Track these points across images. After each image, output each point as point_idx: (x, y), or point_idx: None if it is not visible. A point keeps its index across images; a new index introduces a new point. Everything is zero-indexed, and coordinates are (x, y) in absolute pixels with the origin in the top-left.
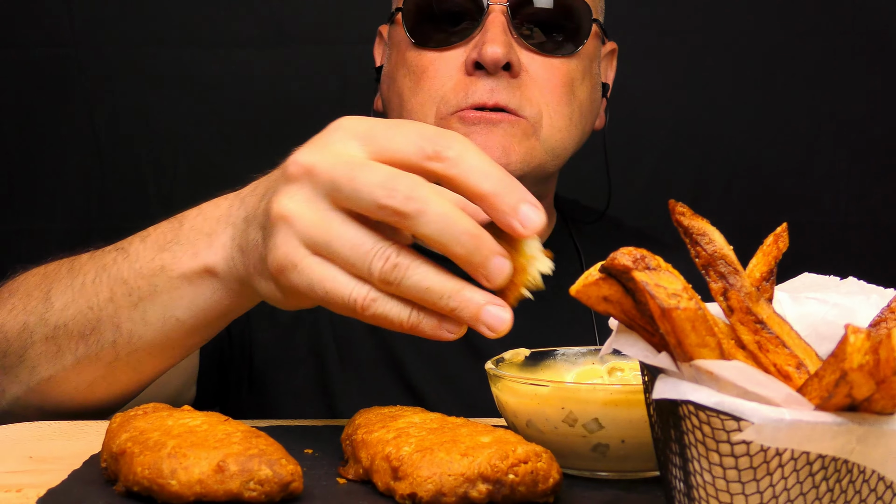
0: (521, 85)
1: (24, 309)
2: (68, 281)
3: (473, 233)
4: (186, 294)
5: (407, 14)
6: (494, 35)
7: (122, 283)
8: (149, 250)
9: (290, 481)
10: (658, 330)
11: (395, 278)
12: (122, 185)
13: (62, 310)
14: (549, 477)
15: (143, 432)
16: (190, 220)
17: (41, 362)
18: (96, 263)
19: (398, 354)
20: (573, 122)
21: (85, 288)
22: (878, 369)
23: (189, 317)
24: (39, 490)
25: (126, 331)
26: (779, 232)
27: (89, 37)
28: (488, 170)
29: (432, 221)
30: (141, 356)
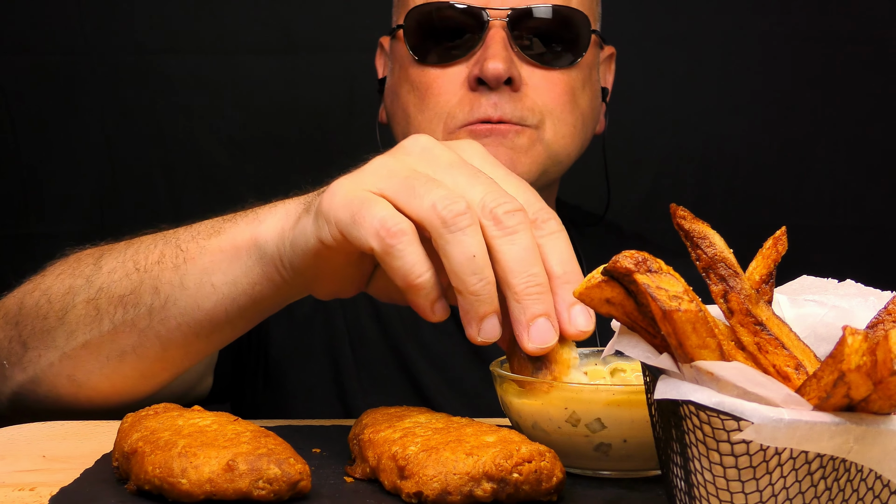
0: (523, 98)
1: (72, 273)
2: (123, 248)
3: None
4: (227, 261)
5: (408, 30)
6: (495, 51)
7: (175, 246)
8: (215, 221)
9: (299, 480)
10: (659, 331)
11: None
12: (132, 189)
13: (109, 272)
14: (552, 476)
15: (154, 432)
16: (255, 207)
17: (80, 326)
18: (157, 235)
19: (407, 356)
20: (577, 129)
21: (137, 253)
22: (876, 370)
23: (223, 284)
24: (52, 489)
25: (164, 294)
26: (778, 235)
27: (101, 44)
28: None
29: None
30: (172, 331)
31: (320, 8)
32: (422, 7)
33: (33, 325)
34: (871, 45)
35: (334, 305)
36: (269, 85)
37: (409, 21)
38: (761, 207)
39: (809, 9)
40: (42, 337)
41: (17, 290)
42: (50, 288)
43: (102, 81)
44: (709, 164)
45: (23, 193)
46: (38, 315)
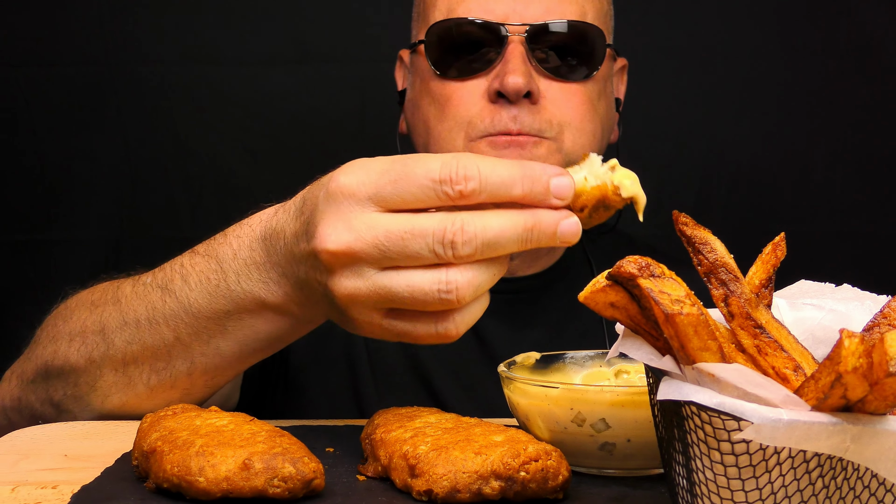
0: (541, 110)
1: (83, 343)
2: (119, 317)
3: (527, 218)
4: (250, 325)
5: (430, 46)
6: (515, 66)
7: (184, 324)
8: (196, 293)
9: (313, 478)
10: (662, 334)
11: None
12: (151, 196)
13: (126, 346)
14: (558, 474)
15: (173, 432)
16: (227, 262)
17: (113, 392)
18: (144, 302)
19: (422, 360)
20: (595, 138)
21: (140, 327)
22: (872, 372)
23: (262, 345)
24: (74, 486)
25: (199, 364)
26: (777, 241)
27: (122, 56)
28: (508, 180)
29: (495, 240)
30: (216, 378)
31: (333, 21)
32: (442, 23)
33: (64, 391)
34: (866, 58)
35: None
36: (283, 95)
37: (430, 36)
38: (761, 214)
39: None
40: (75, 401)
41: (36, 351)
42: (69, 358)
43: (122, 92)
44: (710, 172)
45: (45, 200)
46: (68, 383)
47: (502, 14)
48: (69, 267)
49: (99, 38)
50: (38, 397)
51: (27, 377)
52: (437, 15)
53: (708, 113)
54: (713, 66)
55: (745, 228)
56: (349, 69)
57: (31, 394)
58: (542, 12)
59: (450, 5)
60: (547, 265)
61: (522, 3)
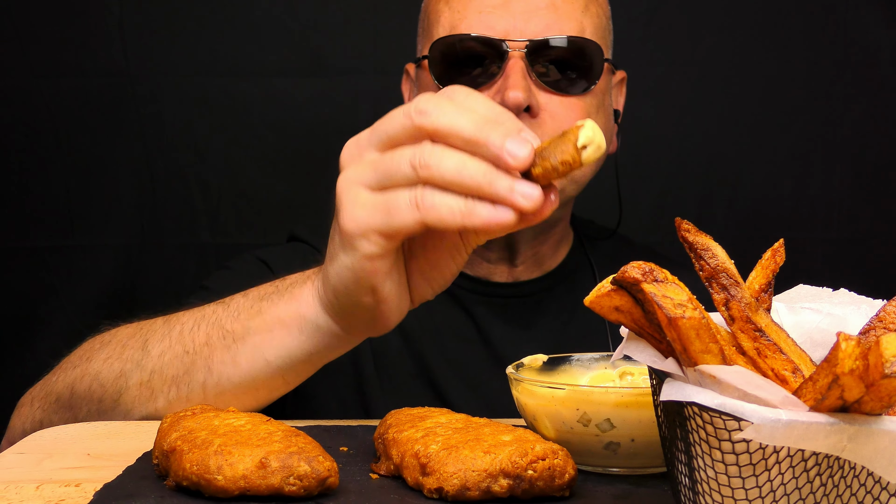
0: (542, 123)
1: (119, 357)
2: (165, 330)
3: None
4: (278, 336)
5: (433, 60)
6: (515, 80)
7: (220, 327)
8: (249, 300)
9: (327, 476)
10: (665, 337)
11: (433, 160)
12: (171, 204)
13: (159, 356)
14: (564, 472)
15: (192, 431)
16: (291, 278)
17: (135, 406)
18: (195, 315)
19: (429, 364)
20: None
21: (183, 335)
22: (868, 373)
23: (276, 358)
24: (96, 484)
25: (216, 372)
26: (776, 247)
27: (142, 67)
28: (462, 120)
29: (456, 170)
30: (227, 398)
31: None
32: (445, 39)
33: (88, 407)
34: (863, 69)
35: None
36: (299, 106)
37: (433, 52)
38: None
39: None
40: (98, 417)
41: (61, 369)
42: (100, 373)
43: (142, 102)
44: (711, 180)
45: (68, 207)
46: (93, 399)
47: (503, 30)
48: (91, 272)
49: (120, 50)
50: (60, 417)
51: (51, 399)
52: (440, 31)
53: (708, 123)
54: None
55: (745, 235)
56: (362, 81)
57: (53, 414)
58: (542, 28)
59: (452, 22)
60: (550, 269)
61: (522, 20)
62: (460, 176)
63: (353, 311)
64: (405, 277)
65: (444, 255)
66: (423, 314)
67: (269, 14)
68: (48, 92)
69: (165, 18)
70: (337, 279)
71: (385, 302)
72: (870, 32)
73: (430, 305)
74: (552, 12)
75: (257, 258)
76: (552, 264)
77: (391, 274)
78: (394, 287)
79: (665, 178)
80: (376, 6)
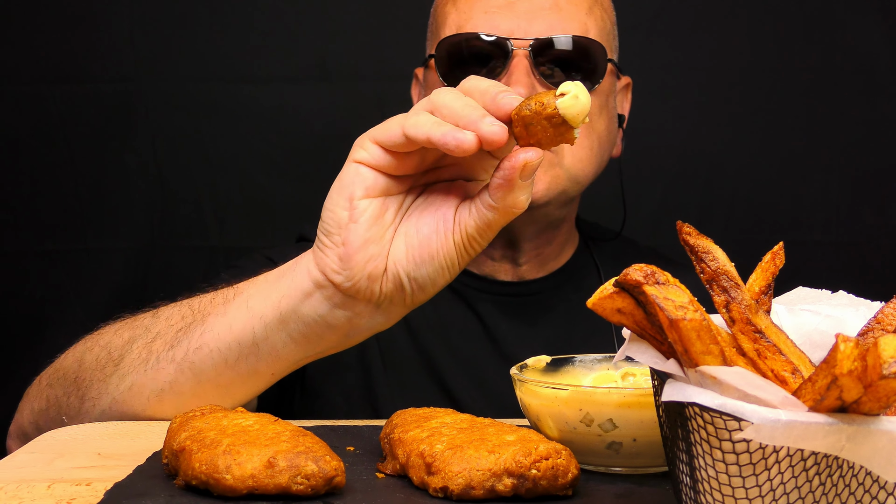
0: None
1: (131, 326)
2: (181, 303)
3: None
4: (266, 290)
5: (439, 60)
6: (518, 78)
7: (232, 287)
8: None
9: (334, 476)
10: (666, 339)
11: (438, 95)
12: (181, 208)
13: (167, 318)
14: (568, 472)
15: (201, 431)
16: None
17: (131, 369)
18: (214, 296)
19: (437, 361)
20: (593, 152)
21: (193, 298)
22: (866, 374)
23: (269, 311)
24: (107, 484)
25: (207, 325)
26: (776, 250)
27: (152, 73)
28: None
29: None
30: (203, 359)
31: (353, 40)
32: (451, 38)
33: (92, 376)
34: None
35: None
36: (307, 112)
37: (439, 51)
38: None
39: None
40: (99, 386)
41: (73, 348)
42: (110, 342)
43: (152, 108)
44: (712, 185)
45: (80, 211)
46: (98, 367)
47: (507, 30)
48: (102, 275)
49: (130, 56)
50: (65, 391)
51: (59, 374)
52: (446, 31)
53: (709, 128)
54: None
55: (745, 238)
56: (369, 87)
57: (59, 389)
58: (546, 28)
59: (459, 22)
60: (555, 268)
61: (526, 20)
62: (449, 107)
63: (326, 229)
64: (389, 232)
65: (430, 221)
66: (429, 311)
67: (278, 22)
68: (60, 98)
69: (175, 26)
70: (329, 195)
71: (355, 223)
72: (869, 38)
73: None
74: (556, 13)
75: (265, 257)
76: (557, 264)
77: (371, 204)
78: (370, 217)
79: (667, 182)
80: (384, 14)
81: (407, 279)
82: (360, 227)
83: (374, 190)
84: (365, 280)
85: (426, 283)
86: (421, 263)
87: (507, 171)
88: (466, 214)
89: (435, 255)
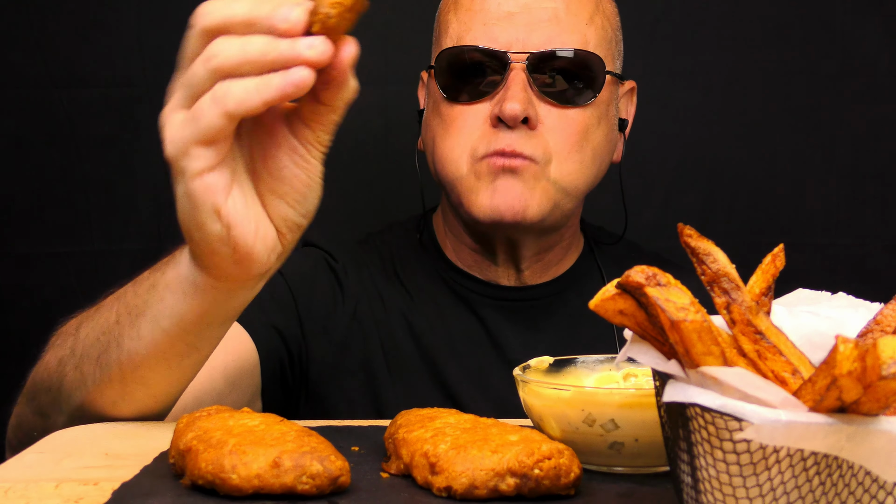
0: (538, 135)
1: (62, 345)
2: (93, 313)
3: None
4: (168, 301)
5: (439, 71)
6: (514, 92)
7: (125, 304)
8: (147, 273)
9: (339, 475)
10: (668, 340)
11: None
12: None
13: (84, 339)
14: (570, 471)
15: (207, 431)
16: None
17: (72, 391)
18: (116, 296)
19: (439, 364)
20: (584, 164)
21: (101, 317)
22: (865, 375)
23: (170, 323)
24: (114, 483)
25: (126, 348)
26: (776, 252)
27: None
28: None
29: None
30: (143, 372)
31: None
32: (450, 49)
33: (44, 397)
34: (860, 80)
35: (369, 325)
36: None
37: (439, 62)
38: (761, 227)
39: (804, 46)
40: (51, 406)
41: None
42: (48, 363)
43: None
44: (713, 188)
45: (87, 213)
46: (44, 388)
47: (506, 42)
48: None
49: (137, 60)
50: (30, 409)
51: (25, 392)
52: (447, 42)
53: (710, 131)
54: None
55: (745, 240)
56: (374, 91)
57: (25, 407)
58: (544, 40)
59: (459, 33)
60: (557, 274)
61: (525, 32)
62: (244, 54)
63: (208, 249)
64: (256, 199)
65: (283, 160)
66: (433, 316)
67: None
68: (68, 101)
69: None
70: (182, 215)
71: (236, 226)
72: (868, 41)
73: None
74: (555, 25)
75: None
76: (561, 269)
77: (231, 191)
78: (240, 207)
79: (668, 185)
80: (388, 17)
81: (301, 219)
82: (239, 224)
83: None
84: (269, 255)
85: (314, 208)
86: (303, 200)
87: (340, 74)
88: (309, 132)
89: (310, 184)
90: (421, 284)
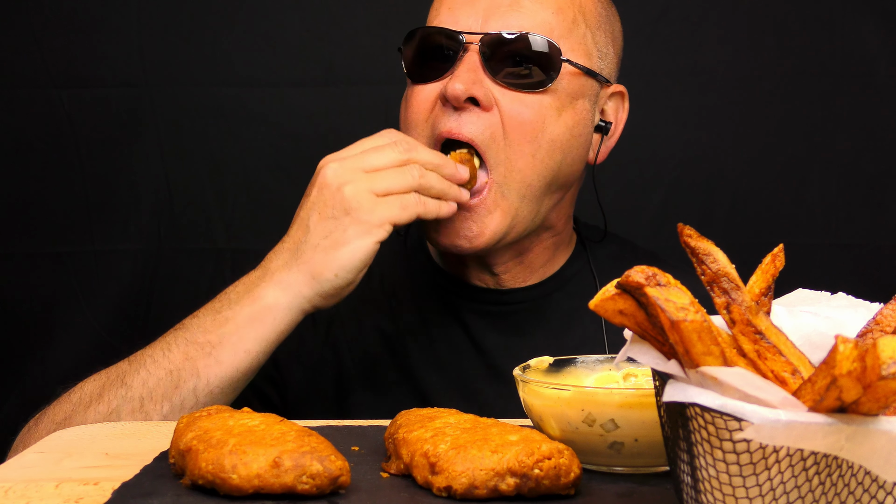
0: (490, 117)
1: (104, 402)
2: (136, 367)
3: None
4: (254, 329)
5: (404, 53)
6: (461, 72)
7: (193, 343)
8: (209, 315)
9: (339, 475)
10: (668, 340)
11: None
12: (187, 211)
13: (142, 384)
14: (570, 471)
15: (207, 431)
16: (232, 290)
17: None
18: (158, 346)
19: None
20: (537, 157)
21: (157, 362)
22: (865, 375)
23: (256, 345)
24: (114, 483)
25: (204, 375)
26: (776, 252)
27: (159, 77)
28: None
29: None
30: (215, 395)
31: (357, 45)
32: (412, 31)
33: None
34: (859, 80)
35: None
36: (312, 115)
37: (404, 44)
38: (760, 227)
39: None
40: None
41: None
42: (87, 420)
43: (160, 111)
44: (713, 188)
45: (88, 214)
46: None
47: (465, 25)
48: (110, 277)
49: (138, 61)
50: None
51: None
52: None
53: (710, 132)
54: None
55: (745, 240)
56: (373, 90)
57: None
58: (502, 25)
59: (430, 18)
60: (544, 276)
61: (485, 16)
62: (439, 186)
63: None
64: None
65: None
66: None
67: (284, 26)
68: (69, 102)
69: (183, 31)
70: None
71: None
72: (867, 43)
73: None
74: (516, 10)
75: None
76: (548, 271)
77: None
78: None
79: (668, 185)
80: (388, 18)
81: None
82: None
83: None
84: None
85: None
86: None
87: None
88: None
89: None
90: (405, 292)
